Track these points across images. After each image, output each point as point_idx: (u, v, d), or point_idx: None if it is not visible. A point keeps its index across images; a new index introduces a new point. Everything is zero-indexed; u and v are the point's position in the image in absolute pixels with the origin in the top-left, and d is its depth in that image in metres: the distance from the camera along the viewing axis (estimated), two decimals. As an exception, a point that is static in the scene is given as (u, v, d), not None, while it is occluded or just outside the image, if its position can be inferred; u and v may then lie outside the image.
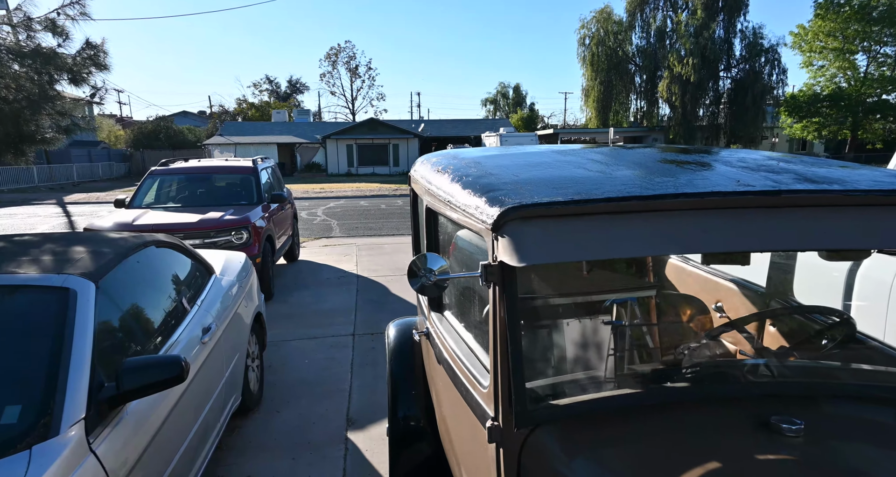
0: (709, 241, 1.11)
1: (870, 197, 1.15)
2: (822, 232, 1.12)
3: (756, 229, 1.11)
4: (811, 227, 1.12)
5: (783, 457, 1.08)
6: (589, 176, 1.35)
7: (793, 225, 1.12)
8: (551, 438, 1.23)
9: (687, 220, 1.12)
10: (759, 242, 1.12)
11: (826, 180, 1.24)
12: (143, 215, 5.64)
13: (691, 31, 28.20)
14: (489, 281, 1.20)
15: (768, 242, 1.12)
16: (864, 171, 1.35)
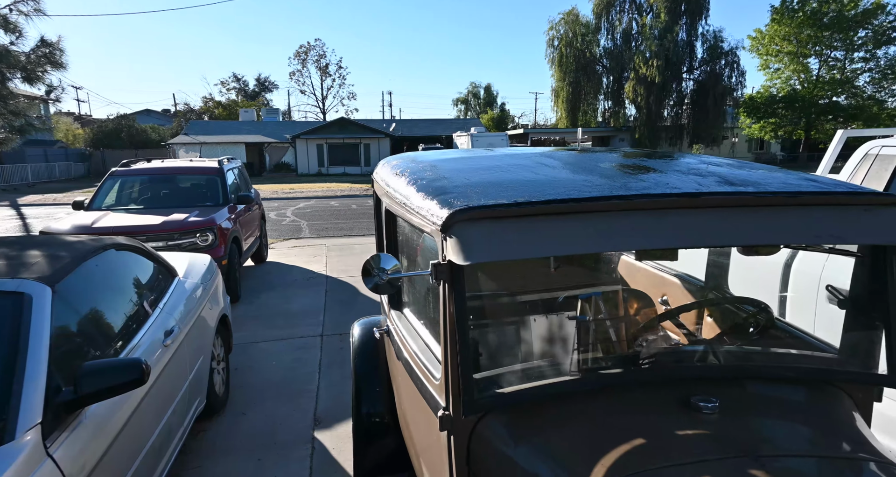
0: (639, 238, 1.21)
1: (777, 198, 1.27)
2: (736, 230, 1.23)
3: (680, 228, 1.21)
4: (727, 225, 1.23)
5: (698, 431, 1.20)
6: (536, 179, 1.44)
7: (712, 223, 1.22)
8: (498, 424, 1.32)
9: (618, 220, 1.22)
10: (683, 239, 1.22)
11: (743, 183, 1.36)
12: (104, 217, 5.50)
13: (655, 33, 28.98)
14: (439, 279, 1.27)
15: (691, 239, 1.22)
16: (778, 175, 1.48)
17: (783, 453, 1.15)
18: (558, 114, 35.50)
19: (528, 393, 1.31)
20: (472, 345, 1.61)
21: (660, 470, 1.10)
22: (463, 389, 1.26)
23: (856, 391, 1.45)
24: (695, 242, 1.24)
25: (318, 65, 51.35)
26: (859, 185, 1.43)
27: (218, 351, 3.68)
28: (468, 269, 1.49)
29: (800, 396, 1.39)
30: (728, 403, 1.27)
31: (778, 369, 1.49)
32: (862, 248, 1.48)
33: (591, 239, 1.19)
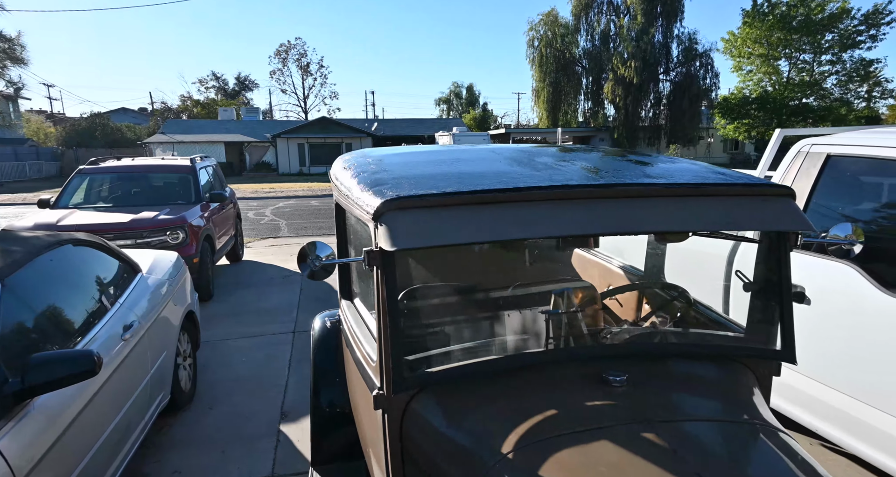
0: (556, 226, 1.30)
1: (683, 188, 1.39)
2: (647, 218, 1.34)
3: (594, 216, 1.31)
4: (638, 214, 1.34)
5: (606, 402, 1.33)
6: (470, 172, 1.52)
7: (624, 212, 1.33)
8: (430, 403, 1.41)
9: (537, 210, 1.31)
10: (597, 227, 1.32)
11: (660, 175, 1.47)
12: (69, 216, 5.42)
13: (633, 35, 29.42)
14: (371, 265, 1.35)
15: (605, 226, 1.32)
16: (693, 168, 1.59)
17: (676, 418, 1.27)
18: (539, 114, 35.82)
19: (453, 372, 1.41)
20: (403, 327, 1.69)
21: (564, 436, 1.21)
22: (393, 368, 1.34)
23: (757, 366, 1.57)
24: (609, 230, 1.34)
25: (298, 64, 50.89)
26: (760, 177, 1.56)
27: (184, 347, 3.68)
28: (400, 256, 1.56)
29: (704, 370, 1.52)
30: (637, 378, 1.40)
31: (683, 347, 1.63)
32: (762, 235, 1.60)
33: (511, 226, 1.27)
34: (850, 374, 2.32)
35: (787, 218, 1.39)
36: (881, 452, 2.18)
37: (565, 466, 1.15)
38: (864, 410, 2.24)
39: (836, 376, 2.38)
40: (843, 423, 2.34)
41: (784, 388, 2.64)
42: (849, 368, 2.32)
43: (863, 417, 2.25)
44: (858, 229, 1.56)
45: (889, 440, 2.16)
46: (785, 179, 2.77)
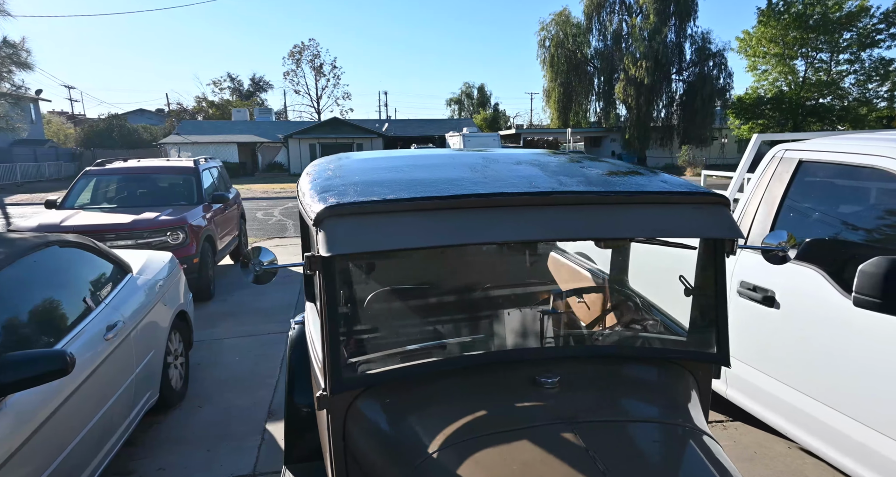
0: (492, 233, 1.33)
1: (618, 196, 1.42)
2: (580, 225, 1.36)
3: (528, 223, 1.34)
4: (571, 221, 1.36)
5: (534, 403, 1.37)
6: (421, 178, 1.54)
7: (558, 220, 1.36)
8: (372, 403, 1.45)
9: (475, 217, 1.34)
10: (529, 234, 1.35)
11: (601, 183, 1.49)
12: (74, 216, 5.55)
13: (645, 35, 29.14)
14: (313, 270, 1.37)
15: (538, 233, 1.35)
16: (638, 178, 1.60)
17: (598, 419, 1.31)
18: (550, 114, 35.68)
19: (394, 373, 1.45)
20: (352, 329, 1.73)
21: (488, 436, 1.26)
22: (332, 369, 1.38)
23: (696, 369, 1.61)
24: (543, 236, 1.36)
25: (312, 65, 51.37)
26: (700, 186, 1.58)
27: (176, 346, 3.75)
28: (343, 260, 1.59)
29: (642, 373, 1.56)
30: (570, 380, 1.44)
31: (619, 350, 1.67)
32: (700, 242, 1.64)
33: (446, 233, 1.30)
34: (813, 377, 2.32)
35: (719, 225, 1.42)
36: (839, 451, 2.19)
37: (482, 464, 1.19)
38: (831, 413, 2.24)
39: (801, 379, 2.37)
40: (813, 426, 2.33)
41: (758, 392, 2.63)
42: (812, 371, 2.32)
43: (828, 420, 2.25)
44: (792, 237, 1.58)
45: (841, 437, 2.19)
46: (759, 184, 2.77)
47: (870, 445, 2.05)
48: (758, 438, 3.11)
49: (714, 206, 1.45)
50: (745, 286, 2.64)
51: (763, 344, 2.56)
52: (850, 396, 2.14)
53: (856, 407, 2.12)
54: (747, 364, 2.69)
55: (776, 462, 2.89)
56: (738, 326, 2.71)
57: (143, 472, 2.96)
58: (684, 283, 1.72)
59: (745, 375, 2.69)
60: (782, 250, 1.57)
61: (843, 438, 2.17)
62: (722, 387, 2.91)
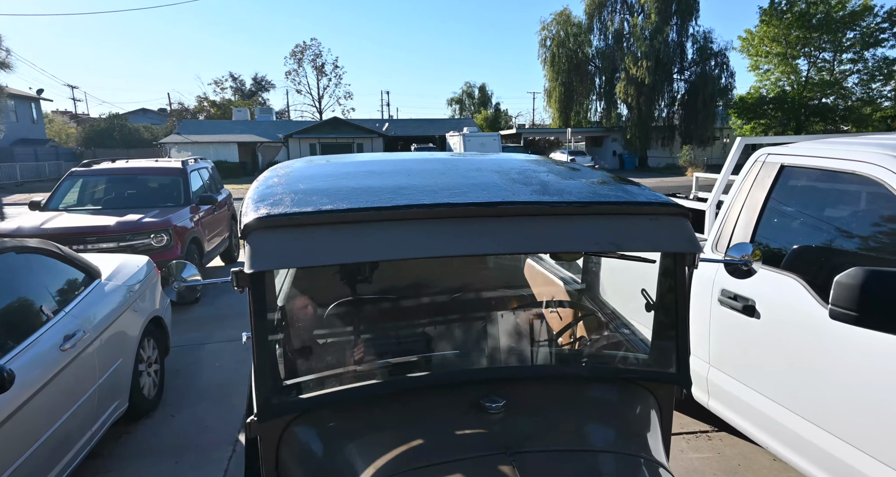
0: (431, 246, 1.22)
1: (570, 207, 1.31)
2: (531, 237, 1.26)
3: (473, 235, 1.25)
4: (521, 233, 1.26)
5: (475, 431, 1.28)
6: (369, 186, 1.44)
7: (506, 231, 1.26)
8: (305, 428, 1.35)
9: (414, 228, 1.24)
10: (474, 247, 1.25)
11: (557, 192, 1.39)
12: (56, 218, 5.47)
13: (646, 34, 28.95)
14: (241, 286, 1.27)
15: (483, 246, 1.25)
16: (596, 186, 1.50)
17: (539, 449, 1.22)
18: (551, 114, 35.53)
19: (326, 398, 1.35)
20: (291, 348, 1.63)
21: (419, 469, 1.17)
22: (260, 394, 1.29)
23: (656, 389, 1.51)
24: (487, 250, 1.27)
25: (313, 64, 51.34)
26: (659, 194, 1.48)
27: (149, 353, 3.66)
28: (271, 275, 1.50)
29: (597, 393, 1.46)
30: (516, 403, 1.34)
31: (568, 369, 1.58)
32: (661, 254, 1.53)
33: (383, 246, 1.21)
34: (792, 389, 2.23)
35: (677, 238, 1.32)
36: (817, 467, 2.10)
37: None
38: (810, 427, 2.15)
39: (780, 392, 2.28)
40: (792, 440, 2.23)
41: (739, 403, 2.54)
42: (791, 384, 2.23)
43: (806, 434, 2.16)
44: (758, 251, 1.49)
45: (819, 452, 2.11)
46: (741, 189, 2.67)
47: (847, 462, 1.96)
48: (743, 449, 3.01)
49: (672, 217, 1.35)
50: (725, 294, 2.54)
51: (743, 354, 2.47)
52: (829, 411, 2.05)
53: (833, 421, 2.02)
54: (728, 375, 2.59)
55: (760, 475, 2.78)
56: (719, 334, 2.62)
57: (107, 485, 2.87)
58: (646, 297, 1.62)
59: (727, 386, 2.60)
60: (745, 264, 1.47)
61: (821, 453, 2.07)
62: (704, 397, 2.81)
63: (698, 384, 2.81)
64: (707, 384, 2.74)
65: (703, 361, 2.75)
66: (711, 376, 2.70)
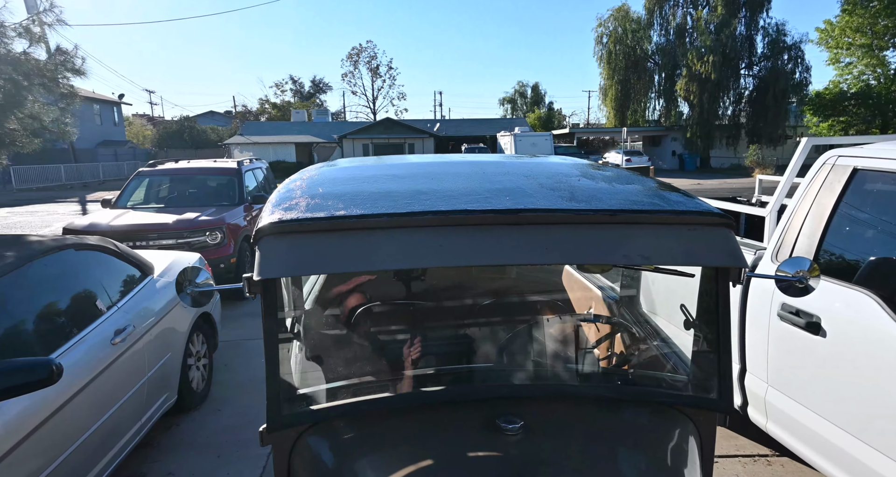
0: (443, 255, 1.15)
1: (598, 216, 1.20)
2: (554, 248, 1.17)
3: (491, 245, 1.16)
4: (542, 243, 1.17)
5: (489, 453, 1.21)
6: (388, 190, 1.39)
7: (525, 241, 1.17)
8: (318, 440, 1.32)
9: (427, 236, 1.17)
10: (490, 257, 1.17)
11: (587, 199, 1.28)
12: (122, 216, 5.82)
13: (711, 28, 27.46)
14: (252, 292, 1.24)
15: (501, 256, 1.17)
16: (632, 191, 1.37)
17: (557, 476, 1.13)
18: (606, 113, 34.46)
19: (337, 410, 1.32)
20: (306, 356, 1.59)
21: None
22: (271, 405, 1.28)
23: (697, 415, 1.37)
24: (503, 260, 1.20)
25: (369, 66, 52.51)
26: (701, 202, 1.32)
27: (198, 348, 3.79)
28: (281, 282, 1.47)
29: (627, 418, 1.35)
30: (535, 424, 1.26)
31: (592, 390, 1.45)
32: (703, 268, 1.39)
33: (394, 255, 1.15)
34: (862, 417, 1.99)
35: (717, 252, 1.19)
36: None
37: None
38: (881, 460, 1.88)
39: (848, 419, 2.03)
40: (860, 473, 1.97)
41: (800, 428, 2.29)
42: (861, 411, 1.98)
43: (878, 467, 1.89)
44: (816, 267, 1.30)
45: None
46: (808, 193, 2.41)
47: None
48: None
49: (713, 228, 1.22)
50: (786, 309, 2.31)
51: (806, 375, 2.23)
52: None
53: None
54: (788, 396, 2.36)
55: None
56: (778, 352, 2.39)
57: (154, 475, 2.98)
58: (685, 313, 1.47)
59: (787, 408, 2.36)
60: (801, 280, 1.29)
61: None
62: (761, 419, 2.57)
63: (755, 405, 2.58)
64: (765, 405, 2.51)
65: (761, 381, 2.52)
66: (770, 397, 2.46)
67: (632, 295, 2.00)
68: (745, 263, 1.20)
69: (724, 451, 3.00)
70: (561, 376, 1.64)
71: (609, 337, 1.83)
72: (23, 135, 4.45)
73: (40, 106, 4.69)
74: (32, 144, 4.61)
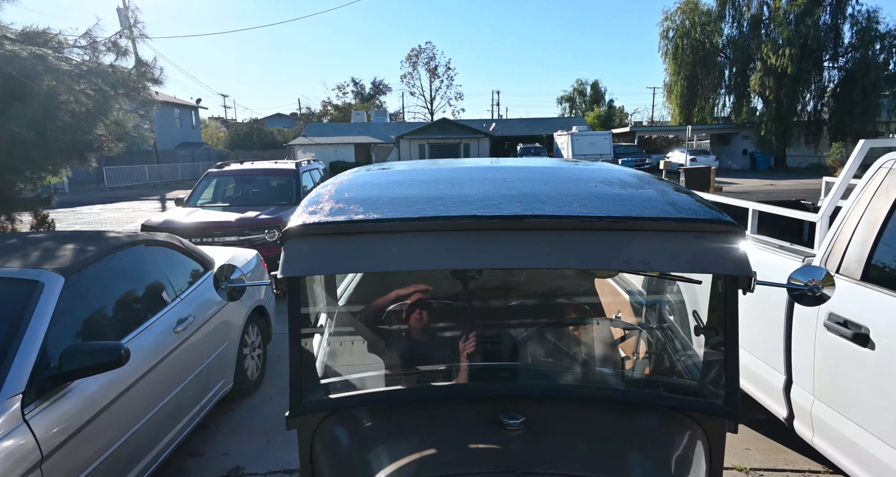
0: (451, 258, 1.22)
1: (602, 222, 1.22)
2: (557, 253, 1.20)
3: (497, 249, 1.22)
4: (546, 248, 1.21)
5: (490, 446, 1.27)
6: (407, 196, 1.46)
7: (531, 246, 1.22)
8: (337, 426, 1.43)
9: (439, 240, 1.24)
10: (499, 261, 1.23)
11: (594, 206, 1.30)
12: (192, 214, 6.30)
13: (791, 18, 25.54)
14: (279, 288, 1.35)
15: (507, 261, 1.23)
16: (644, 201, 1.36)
17: (549, 472, 1.18)
18: (671, 110, 32.95)
19: (354, 400, 1.43)
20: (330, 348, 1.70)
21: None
22: (294, 391, 1.40)
23: (705, 421, 1.37)
24: (508, 264, 1.25)
25: (427, 67, 53.20)
26: (711, 209, 1.28)
27: (252, 339, 4.04)
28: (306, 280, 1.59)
29: (631, 420, 1.37)
30: (537, 421, 1.31)
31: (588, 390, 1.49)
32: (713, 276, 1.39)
33: (407, 256, 1.22)
34: None
35: (722, 259, 1.18)
36: None
37: None
38: None
39: None
40: None
41: (848, 444, 2.14)
42: None
43: None
44: (831, 277, 1.25)
45: None
46: (861, 197, 2.26)
47: None
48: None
49: (720, 235, 1.21)
50: (833, 319, 2.17)
51: (854, 389, 2.10)
52: None
53: None
54: (836, 410, 2.22)
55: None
56: (825, 364, 2.26)
57: (210, 455, 3.22)
58: (697, 319, 1.46)
59: (834, 423, 2.22)
60: (812, 290, 1.26)
61: None
62: (807, 433, 2.43)
63: (801, 418, 2.45)
64: (811, 418, 2.37)
65: (807, 393, 2.40)
66: (816, 410, 2.33)
67: (657, 300, 1.98)
68: (752, 271, 1.19)
69: (772, 465, 2.86)
70: (571, 377, 1.68)
71: (628, 341, 1.84)
72: (109, 139, 4.94)
73: (124, 113, 5.17)
74: (117, 148, 5.10)
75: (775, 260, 2.71)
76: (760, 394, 2.82)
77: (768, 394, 2.72)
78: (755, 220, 3.22)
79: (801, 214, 2.89)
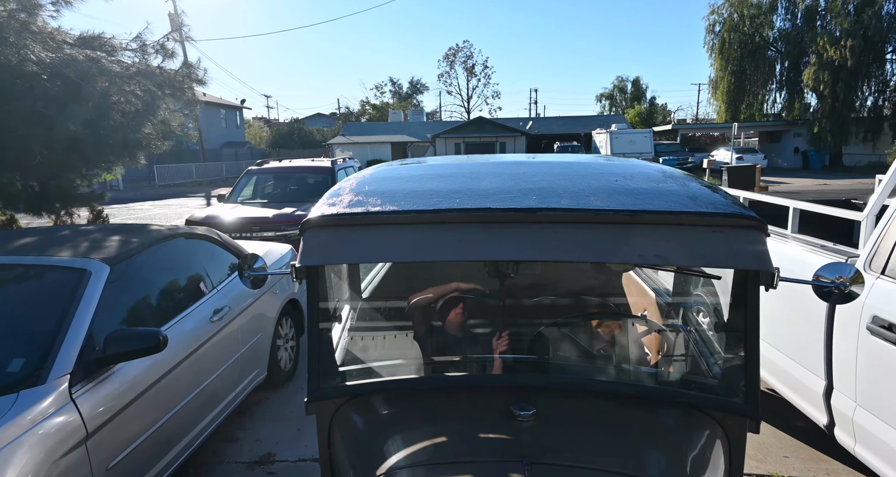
0: (463, 250, 1.24)
1: (617, 216, 1.20)
2: (571, 246, 1.20)
3: (510, 241, 1.23)
4: (559, 241, 1.21)
5: (500, 436, 1.29)
6: (426, 189, 1.49)
7: (543, 239, 1.22)
8: (354, 413, 1.47)
9: (452, 232, 1.26)
10: (510, 253, 1.24)
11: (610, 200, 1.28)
12: (232, 210, 6.54)
13: (850, 8, 24.12)
14: (298, 278, 1.40)
15: (518, 253, 1.23)
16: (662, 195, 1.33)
17: (556, 462, 1.18)
18: (717, 107, 31.71)
19: (370, 387, 1.47)
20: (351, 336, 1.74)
21: (435, 466, 1.23)
22: (312, 378, 1.44)
23: (725, 420, 1.33)
24: (519, 256, 1.25)
25: (464, 66, 53.20)
26: (732, 204, 1.23)
27: (286, 331, 4.16)
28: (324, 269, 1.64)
29: (647, 416, 1.36)
30: (549, 413, 1.31)
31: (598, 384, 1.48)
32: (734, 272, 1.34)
33: (420, 248, 1.25)
34: None
35: (741, 254, 1.15)
36: None
37: None
38: None
39: None
40: None
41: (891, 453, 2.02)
42: None
43: None
44: (860, 274, 1.18)
45: None
46: None
47: None
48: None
49: (738, 230, 1.18)
50: (877, 322, 2.05)
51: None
52: None
53: None
54: (880, 418, 2.09)
55: None
56: (868, 369, 2.15)
57: (244, 440, 3.35)
58: (718, 316, 1.45)
59: (877, 431, 2.10)
60: (839, 287, 1.19)
61: None
62: (849, 441, 2.30)
63: (842, 425, 2.32)
64: (853, 426, 2.24)
65: (849, 399, 2.27)
66: (858, 418, 2.21)
67: (683, 299, 1.94)
68: (772, 267, 1.15)
69: (812, 474, 2.72)
70: (589, 371, 1.68)
71: (652, 339, 1.82)
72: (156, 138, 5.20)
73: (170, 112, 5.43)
74: (164, 146, 5.36)
75: (816, 260, 2.58)
76: (799, 400, 2.69)
77: (808, 400, 2.60)
78: (796, 220, 3.06)
79: (843, 212, 2.73)
